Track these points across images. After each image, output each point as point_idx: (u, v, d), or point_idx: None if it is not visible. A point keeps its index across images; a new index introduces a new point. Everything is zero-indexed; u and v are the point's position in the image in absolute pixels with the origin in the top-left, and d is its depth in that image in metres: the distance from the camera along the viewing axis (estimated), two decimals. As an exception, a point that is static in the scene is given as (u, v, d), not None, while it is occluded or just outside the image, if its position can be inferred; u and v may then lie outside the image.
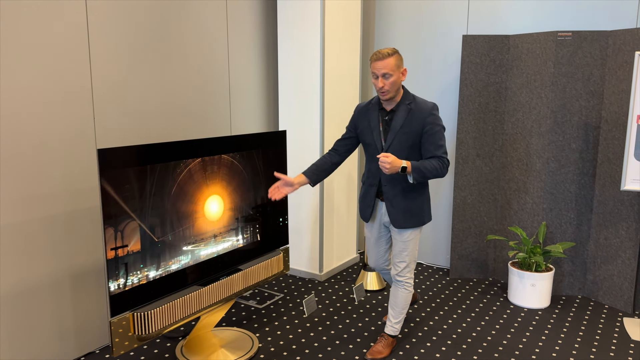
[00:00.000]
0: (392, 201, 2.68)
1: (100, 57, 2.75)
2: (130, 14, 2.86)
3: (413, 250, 2.77)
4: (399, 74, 2.53)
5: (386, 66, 2.49)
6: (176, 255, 2.55)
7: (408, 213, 2.68)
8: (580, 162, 3.62)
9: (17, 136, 2.44)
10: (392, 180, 2.65)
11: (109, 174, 2.22)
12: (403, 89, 2.63)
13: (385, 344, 2.89)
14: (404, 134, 2.58)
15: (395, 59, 2.50)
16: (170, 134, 3.18)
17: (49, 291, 2.66)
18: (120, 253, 2.28)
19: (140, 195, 2.36)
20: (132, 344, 2.37)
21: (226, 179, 2.79)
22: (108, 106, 2.82)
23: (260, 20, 3.83)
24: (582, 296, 3.78)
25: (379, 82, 2.51)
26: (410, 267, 2.80)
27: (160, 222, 2.45)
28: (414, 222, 2.70)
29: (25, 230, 2.52)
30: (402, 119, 2.58)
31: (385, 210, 2.75)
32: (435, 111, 2.59)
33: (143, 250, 2.38)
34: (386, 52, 2.49)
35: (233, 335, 3.05)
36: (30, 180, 2.52)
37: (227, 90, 3.59)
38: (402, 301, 2.84)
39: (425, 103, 2.60)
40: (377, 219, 2.84)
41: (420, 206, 2.71)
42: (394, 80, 2.51)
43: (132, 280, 2.35)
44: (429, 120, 2.56)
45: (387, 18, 4.35)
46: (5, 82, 2.37)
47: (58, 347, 2.73)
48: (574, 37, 3.46)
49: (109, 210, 2.23)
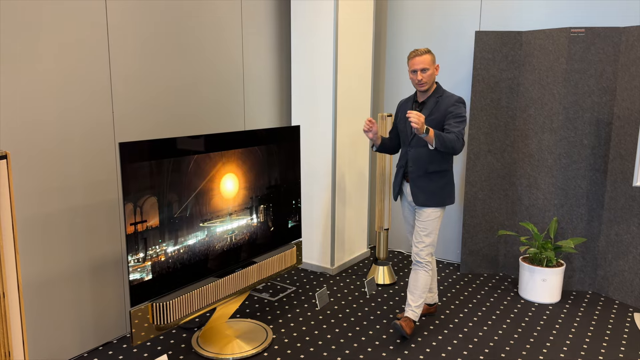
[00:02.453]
0: (415, 181, 2.94)
1: (119, 54, 2.80)
2: (148, 12, 2.91)
3: (432, 232, 2.96)
4: (434, 69, 2.86)
5: (424, 61, 2.81)
6: (193, 232, 2.61)
7: (429, 192, 2.91)
8: (592, 158, 3.63)
9: (38, 131, 2.50)
10: (417, 162, 2.92)
11: (130, 166, 2.27)
12: (437, 85, 2.93)
13: (407, 323, 3.01)
14: (431, 121, 2.85)
15: (431, 56, 2.84)
16: (185, 128, 3.23)
17: (69, 282, 2.72)
18: (139, 228, 2.34)
19: (158, 186, 2.41)
20: (149, 333, 2.43)
21: (243, 168, 2.84)
22: (126, 101, 2.87)
23: (274, 17, 3.87)
24: (592, 291, 3.80)
25: (417, 75, 2.83)
26: (429, 249, 2.98)
27: (178, 199, 2.51)
28: (434, 201, 2.92)
29: (46, 222, 2.58)
30: (430, 110, 2.88)
31: (409, 190, 2.99)
32: (459, 103, 2.85)
33: (161, 225, 2.44)
34: (422, 50, 2.83)
35: (247, 327, 3.11)
36: (51, 174, 2.58)
37: (242, 86, 3.64)
38: (422, 284, 2.99)
39: (452, 96, 2.88)
40: (404, 199, 3.12)
41: (442, 187, 2.93)
42: (430, 73, 2.84)
43: (151, 254, 2.40)
44: (452, 108, 2.84)
45: (400, 14, 4.37)
46: (28, 78, 2.43)
47: (78, 337, 2.80)
48: (586, 33, 3.47)
49: (129, 200, 2.28)
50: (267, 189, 3.03)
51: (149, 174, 2.36)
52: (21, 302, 1.64)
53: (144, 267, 2.38)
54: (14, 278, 1.63)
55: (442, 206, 2.96)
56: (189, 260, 2.60)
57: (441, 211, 2.97)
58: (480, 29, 4.02)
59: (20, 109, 2.41)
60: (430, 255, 3.00)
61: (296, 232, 3.29)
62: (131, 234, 2.31)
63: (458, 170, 4.27)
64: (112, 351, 2.87)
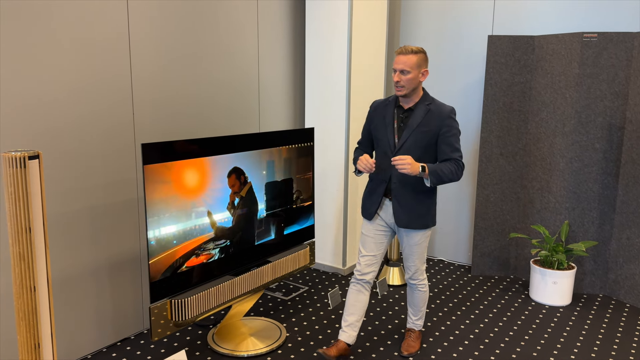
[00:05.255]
0: (400, 200, 2.62)
1: (140, 57, 2.87)
2: (168, 15, 2.99)
3: (422, 254, 2.76)
4: (418, 74, 2.52)
5: (406, 62, 2.48)
6: (210, 231, 2.67)
7: (414, 214, 2.63)
8: (604, 162, 3.65)
9: (61, 132, 2.58)
10: (403, 179, 2.60)
11: (151, 166, 2.34)
12: (423, 91, 2.62)
13: (414, 338, 2.98)
14: (420, 133, 2.56)
15: (418, 58, 2.49)
16: (201, 130, 3.30)
17: (89, 279, 2.80)
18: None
19: (177, 186, 2.48)
20: (167, 330, 2.49)
21: (259, 169, 2.90)
22: (146, 103, 2.94)
23: (289, 19, 3.94)
24: (603, 295, 3.81)
25: (396, 76, 2.51)
26: (420, 269, 2.80)
27: (197, 199, 2.57)
28: (419, 224, 2.65)
29: (68, 220, 2.66)
30: (420, 118, 2.56)
31: (391, 210, 2.68)
32: (454, 115, 2.58)
33: (181, 225, 2.51)
34: (411, 49, 2.49)
35: (262, 325, 3.17)
36: (73, 174, 2.66)
37: (257, 89, 3.71)
38: (419, 301, 2.92)
39: (444, 105, 2.59)
40: (379, 218, 2.74)
41: (427, 208, 2.66)
42: (410, 78, 2.49)
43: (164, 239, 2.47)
44: (447, 122, 2.55)
45: (413, 17, 4.42)
46: (51, 80, 2.51)
47: (97, 332, 2.88)
48: (599, 38, 3.50)
49: (151, 199, 2.35)
50: (281, 189, 3.09)
51: (169, 174, 2.43)
52: (50, 296, 1.72)
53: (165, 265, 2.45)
54: (44, 273, 1.70)
55: (428, 229, 2.70)
56: (206, 259, 2.67)
57: (429, 233, 2.74)
58: (493, 33, 4.05)
59: (43, 111, 2.49)
60: (422, 274, 2.82)
61: (309, 233, 3.35)
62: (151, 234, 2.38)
63: (470, 172, 4.31)
64: (129, 347, 2.94)
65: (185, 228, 2.54)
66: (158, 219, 2.40)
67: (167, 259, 2.47)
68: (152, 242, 2.39)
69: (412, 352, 2.92)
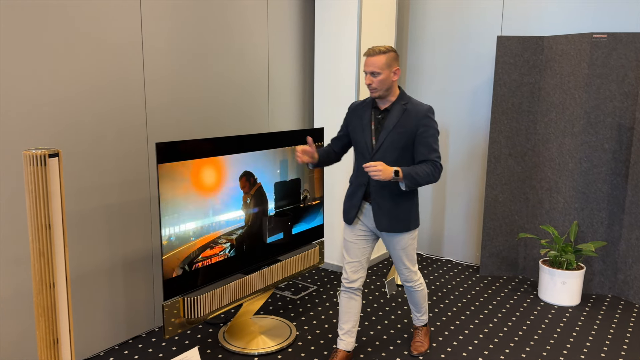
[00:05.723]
0: (379, 203, 2.56)
1: (152, 59, 2.91)
2: (180, 17, 3.02)
3: (411, 257, 2.71)
4: (390, 73, 2.44)
5: (374, 64, 2.42)
6: (222, 230, 2.70)
7: (394, 217, 2.56)
8: (613, 163, 3.65)
9: (76, 133, 2.61)
10: (381, 182, 2.53)
11: (164, 165, 2.37)
12: (400, 90, 2.55)
13: (422, 335, 2.99)
14: (397, 134, 2.49)
15: (387, 58, 2.42)
16: (212, 130, 3.33)
17: (103, 277, 2.83)
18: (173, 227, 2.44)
19: (190, 185, 2.51)
20: (179, 327, 2.52)
21: (270, 168, 2.93)
22: (158, 104, 2.98)
23: (299, 20, 3.96)
24: (612, 295, 3.81)
25: (367, 79, 2.45)
26: (412, 270, 2.75)
27: (208, 198, 2.60)
28: (400, 227, 2.58)
29: (83, 219, 2.69)
30: (396, 118, 2.49)
31: (370, 213, 2.62)
32: (431, 114, 2.51)
33: (194, 224, 2.54)
34: (378, 49, 2.43)
35: (272, 323, 3.19)
36: (87, 173, 2.69)
37: (266, 89, 3.73)
38: (419, 299, 2.90)
39: (421, 105, 2.52)
40: (360, 222, 2.68)
41: (408, 211, 2.59)
42: (382, 79, 2.43)
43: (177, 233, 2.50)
44: (424, 122, 2.48)
45: (421, 18, 4.43)
46: (66, 80, 2.54)
47: (110, 330, 2.91)
48: (609, 38, 3.50)
49: (165, 198, 2.38)
50: (290, 189, 3.11)
51: (182, 173, 2.46)
52: (68, 292, 1.75)
53: (177, 263, 2.48)
54: (63, 269, 1.73)
55: (409, 231, 2.62)
56: (218, 257, 2.70)
57: (416, 232, 2.68)
58: (502, 34, 4.06)
59: (60, 111, 2.53)
60: (415, 274, 2.77)
61: (319, 232, 3.38)
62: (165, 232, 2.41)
63: (478, 173, 4.32)
64: (141, 344, 2.97)
65: (198, 226, 2.57)
66: (171, 217, 2.43)
67: (180, 257, 2.50)
68: (172, 238, 2.41)
69: (422, 352, 2.93)
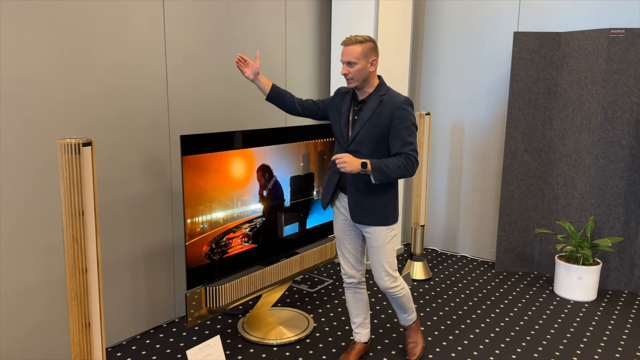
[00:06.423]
0: (354, 195, 2.48)
1: (175, 55, 2.97)
2: (201, 16, 3.08)
3: (388, 257, 2.54)
4: (366, 64, 2.36)
5: (349, 53, 2.35)
6: (243, 222, 2.76)
7: (369, 209, 2.47)
8: (630, 159, 3.65)
9: (101, 127, 2.68)
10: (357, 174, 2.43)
11: (189, 157, 2.43)
12: (379, 81, 2.47)
13: (413, 334, 2.82)
14: (371, 126, 2.40)
15: (363, 47, 2.34)
16: (231, 125, 3.38)
17: (126, 268, 2.90)
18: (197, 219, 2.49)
19: (214, 177, 2.56)
20: (199, 318, 2.58)
21: (289, 162, 2.98)
22: (180, 99, 3.04)
23: (316, 19, 4.00)
24: (628, 291, 3.81)
25: (343, 69, 2.38)
26: (392, 275, 2.56)
27: (230, 191, 2.66)
28: (375, 220, 2.47)
29: (107, 210, 2.76)
30: (371, 110, 2.41)
31: (346, 204, 2.56)
32: (407, 106, 2.39)
33: (217, 215, 2.59)
34: (355, 38, 2.35)
35: (290, 315, 3.24)
36: (112, 165, 2.75)
37: (284, 85, 3.78)
38: (403, 302, 2.68)
39: (398, 96, 2.42)
40: (343, 217, 2.62)
41: (384, 204, 2.48)
42: (359, 69, 2.35)
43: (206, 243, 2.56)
44: (399, 113, 2.37)
45: (438, 15, 4.45)
46: (90, 75, 2.61)
47: (132, 319, 2.97)
48: (626, 34, 3.50)
49: (188, 188, 2.44)
50: (309, 183, 3.16)
51: (206, 165, 2.52)
52: (100, 277, 1.80)
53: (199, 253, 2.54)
54: (95, 255, 1.79)
55: (386, 226, 2.50)
56: (238, 248, 2.75)
57: (395, 229, 2.54)
58: (519, 30, 4.07)
59: (85, 106, 2.60)
60: (395, 280, 2.57)
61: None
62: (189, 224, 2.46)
63: (494, 169, 4.33)
64: (162, 334, 3.03)
65: (220, 215, 2.63)
66: (195, 207, 2.49)
67: (203, 243, 2.56)
68: (204, 225, 2.47)
69: (419, 353, 2.79)
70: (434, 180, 4.68)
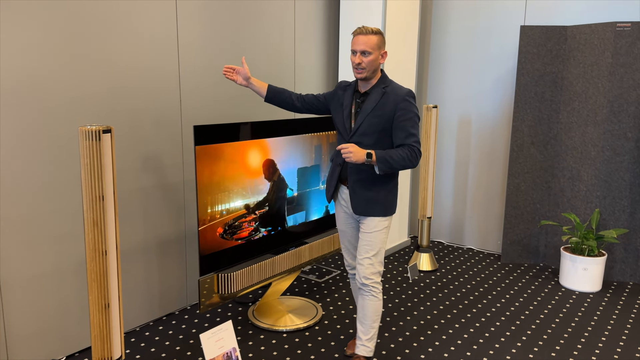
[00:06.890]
0: (355, 187, 2.47)
1: (187, 51, 3.03)
2: (213, 15, 3.14)
3: (376, 247, 2.48)
4: (379, 55, 2.39)
5: (367, 42, 2.34)
6: (253, 211, 2.82)
7: (371, 200, 2.46)
8: (636, 151, 3.68)
9: (115, 119, 2.75)
10: (359, 164, 2.39)
11: (202, 147, 2.50)
12: (382, 73, 2.47)
13: None
14: (375, 117, 2.40)
15: (378, 39, 2.37)
16: (241, 116, 3.45)
17: (140, 256, 2.97)
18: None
19: (225, 167, 2.63)
20: (212, 304, 2.65)
21: (299, 153, 3.04)
22: (192, 93, 3.10)
23: (324, 18, 4.06)
24: (633, 282, 3.85)
25: (356, 58, 2.37)
26: (375, 267, 2.48)
27: (241, 181, 2.72)
28: (376, 210, 2.46)
29: (121, 199, 2.83)
30: (374, 102, 2.40)
31: (347, 197, 2.54)
32: (410, 98, 2.40)
33: (230, 205, 2.66)
34: (370, 29, 2.37)
35: (298, 303, 3.31)
36: (126, 156, 2.83)
37: (293, 82, 3.84)
38: (371, 312, 2.50)
39: (401, 88, 2.43)
40: (339, 206, 2.63)
41: (385, 195, 2.48)
42: (372, 60, 2.36)
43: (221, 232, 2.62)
44: (402, 105, 2.37)
45: (444, 9, 4.49)
46: (109, 72, 2.68)
47: (145, 306, 3.05)
48: (633, 27, 3.53)
49: (201, 179, 2.51)
50: (312, 174, 3.22)
51: (218, 155, 2.58)
52: (118, 260, 1.87)
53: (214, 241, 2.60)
54: (114, 239, 1.86)
55: (387, 216, 2.49)
56: (250, 237, 2.82)
57: (389, 220, 2.51)
58: (525, 24, 4.11)
59: (102, 99, 2.67)
60: (377, 275, 2.48)
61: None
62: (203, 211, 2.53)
63: (500, 161, 4.37)
64: (174, 321, 3.11)
65: (232, 204, 2.69)
66: (206, 195, 2.55)
67: (215, 233, 2.62)
68: (221, 210, 2.54)
69: None
70: (440, 173, 4.73)
